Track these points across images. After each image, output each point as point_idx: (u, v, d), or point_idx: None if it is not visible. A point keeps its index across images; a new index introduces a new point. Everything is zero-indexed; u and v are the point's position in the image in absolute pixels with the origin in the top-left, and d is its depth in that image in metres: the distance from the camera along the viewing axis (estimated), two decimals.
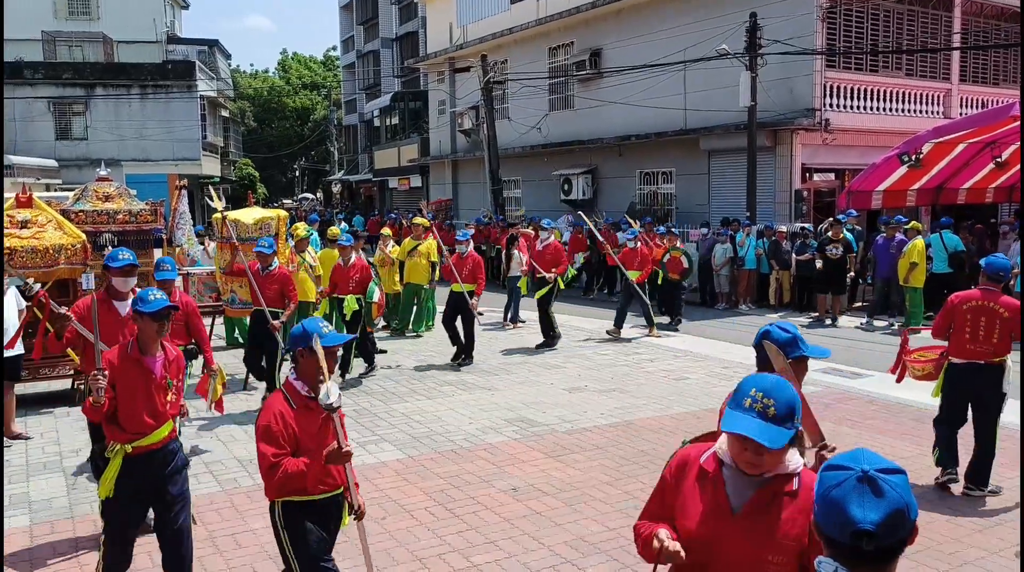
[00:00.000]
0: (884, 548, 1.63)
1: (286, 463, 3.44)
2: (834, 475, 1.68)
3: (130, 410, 4.05)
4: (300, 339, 3.55)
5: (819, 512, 1.69)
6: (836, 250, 13.67)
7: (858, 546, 1.62)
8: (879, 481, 1.64)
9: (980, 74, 20.00)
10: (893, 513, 1.62)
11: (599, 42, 22.09)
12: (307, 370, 3.56)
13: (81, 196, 9.89)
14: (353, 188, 48.43)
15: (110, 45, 35.65)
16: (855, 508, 1.62)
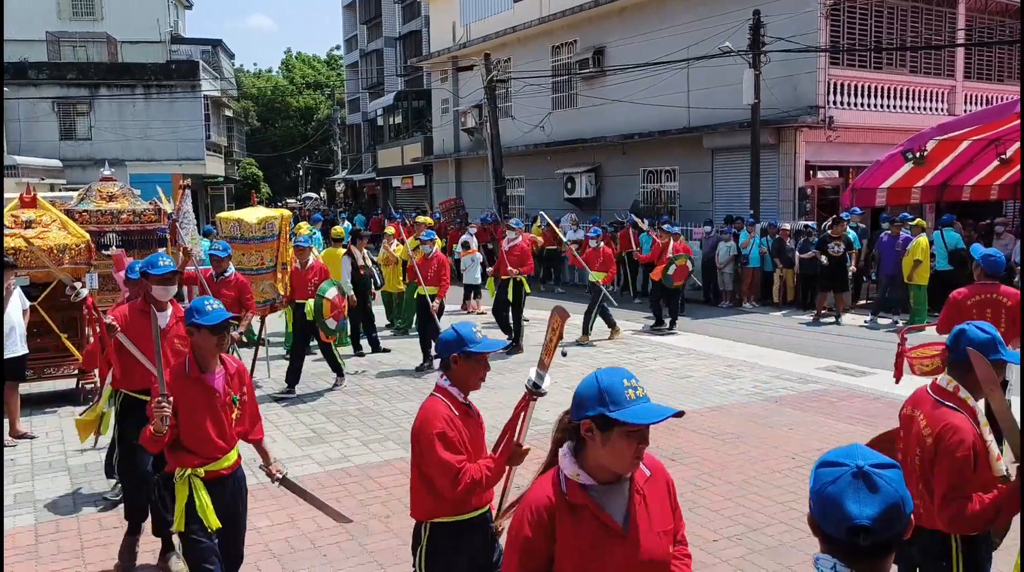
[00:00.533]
0: (880, 543, 1.64)
1: (470, 469, 3.16)
2: (829, 472, 1.69)
3: (198, 434, 3.73)
4: (454, 345, 3.28)
5: (815, 509, 1.70)
6: (838, 248, 13.64)
7: (855, 542, 1.63)
8: (874, 476, 1.65)
9: (984, 71, 19.94)
10: (889, 508, 1.63)
11: (602, 40, 22.07)
12: (462, 376, 3.31)
13: (85, 196, 9.92)
14: (357, 187, 48.46)
15: (114, 45, 35.71)
16: (851, 504, 1.63)
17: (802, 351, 11.28)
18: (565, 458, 2.28)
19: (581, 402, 2.23)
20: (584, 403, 2.21)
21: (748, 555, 4.93)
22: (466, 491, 3.14)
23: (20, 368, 7.58)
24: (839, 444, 4.99)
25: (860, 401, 8.47)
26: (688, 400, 8.68)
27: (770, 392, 8.98)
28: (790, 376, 9.72)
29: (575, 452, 2.28)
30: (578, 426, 2.22)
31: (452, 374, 3.33)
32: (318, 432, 7.63)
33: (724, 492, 5.93)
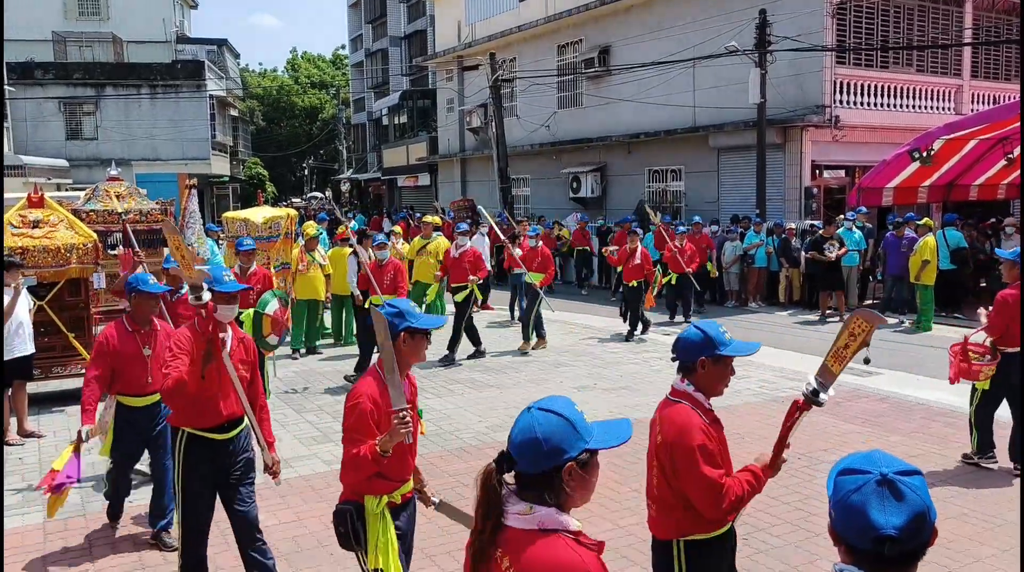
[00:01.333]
0: (907, 552, 1.60)
1: (733, 486, 2.96)
2: (852, 479, 1.64)
3: (397, 454, 3.32)
4: (703, 347, 3.03)
5: (838, 519, 1.65)
6: (832, 248, 13.60)
7: (880, 552, 1.59)
8: (899, 484, 1.61)
9: (992, 70, 19.87)
10: (915, 516, 1.59)
11: (608, 39, 22.06)
12: (710, 381, 3.08)
13: (92, 196, 9.96)
14: (362, 187, 48.50)
15: (120, 45, 35.80)
16: (876, 513, 1.59)
17: (808, 351, 11.26)
18: None
19: (696, 346, 3.00)
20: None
21: (754, 555, 4.93)
22: (730, 509, 2.97)
23: (28, 367, 7.60)
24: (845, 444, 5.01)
25: (866, 401, 8.45)
26: None
27: (776, 392, 8.97)
28: (796, 376, 9.70)
29: None
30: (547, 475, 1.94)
31: (698, 379, 3.08)
32: (324, 431, 7.64)
33: None
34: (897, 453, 6.52)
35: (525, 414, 1.97)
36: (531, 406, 1.98)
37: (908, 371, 9.96)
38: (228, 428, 4.29)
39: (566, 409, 1.96)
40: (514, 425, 1.97)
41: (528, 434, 1.91)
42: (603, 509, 5.67)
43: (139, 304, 5.09)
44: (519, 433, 1.93)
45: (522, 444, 1.91)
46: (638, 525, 5.38)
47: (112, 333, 5.04)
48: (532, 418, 1.93)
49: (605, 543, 2.08)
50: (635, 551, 4.99)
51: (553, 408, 1.95)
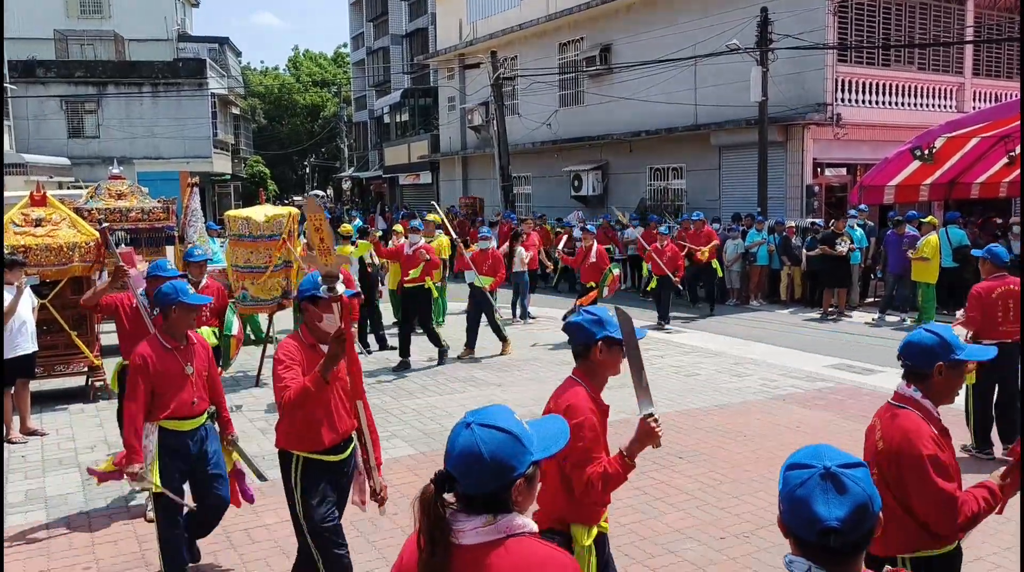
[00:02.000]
0: (851, 543, 1.65)
1: (968, 500, 2.86)
2: (797, 474, 1.69)
3: None
4: (941, 352, 2.89)
5: (785, 511, 1.70)
6: (844, 243, 13.62)
7: (825, 543, 1.64)
8: (842, 477, 1.65)
9: (994, 68, 19.85)
10: (857, 508, 1.64)
11: (609, 37, 22.05)
12: (943, 388, 2.95)
13: (94, 194, 9.98)
14: (363, 185, 48.51)
15: (121, 43, 35.82)
16: (820, 506, 1.63)
17: (809, 349, 11.27)
18: None
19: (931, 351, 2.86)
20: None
21: (756, 553, 4.94)
22: (964, 525, 2.79)
23: (30, 365, 7.62)
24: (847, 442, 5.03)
25: (867, 399, 8.45)
26: (695, 398, 8.68)
27: (777, 390, 8.97)
28: (797, 374, 9.71)
29: None
30: None
31: (930, 386, 2.90)
32: None
33: (732, 490, 5.94)
34: None
35: (464, 432, 1.80)
36: (469, 421, 1.81)
37: None
38: (343, 447, 4.00)
39: (508, 422, 1.82)
40: (451, 442, 1.81)
41: (472, 454, 1.76)
42: (661, 503, 5.67)
43: (180, 318, 4.44)
44: (461, 453, 1.77)
45: (466, 464, 1.76)
46: (639, 523, 5.39)
47: (148, 352, 4.38)
48: (474, 436, 1.77)
49: None
50: (636, 548, 5.00)
51: (495, 423, 1.80)
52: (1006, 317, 6.41)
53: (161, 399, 4.39)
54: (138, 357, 4.37)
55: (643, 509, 5.62)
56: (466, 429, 1.80)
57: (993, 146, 14.91)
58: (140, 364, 4.35)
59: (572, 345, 3.18)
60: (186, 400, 4.45)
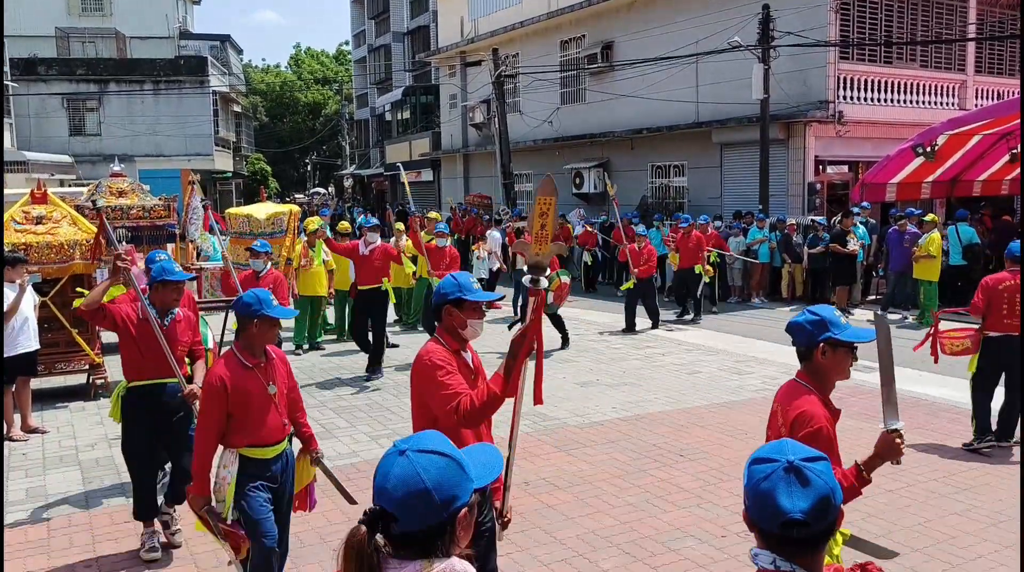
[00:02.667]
0: (814, 534, 1.68)
1: None
2: (761, 468, 1.72)
3: None
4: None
5: (750, 505, 1.74)
6: (853, 240, 13.62)
7: (789, 535, 1.67)
8: (804, 470, 1.69)
9: (996, 65, 19.80)
10: (820, 500, 1.67)
11: (610, 35, 22.01)
12: None
13: (95, 192, 9.96)
14: (365, 182, 48.51)
15: (123, 41, 35.82)
16: (784, 499, 1.66)
17: None
18: None
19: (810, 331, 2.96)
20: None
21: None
22: None
23: (32, 363, 7.62)
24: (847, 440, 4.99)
25: (868, 397, 8.43)
26: (697, 396, 8.67)
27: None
28: None
29: None
30: None
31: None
32: (327, 427, 7.65)
33: (733, 488, 5.93)
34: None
35: (399, 460, 1.62)
36: (403, 448, 1.64)
37: (912, 367, 9.94)
38: None
39: (446, 446, 1.67)
40: (383, 473, 1.63)
41: (413, 485, 1.58)
42: (606, 505, 5.68)
43: (261, 332, 3.92)
44: (400, 485, 1.59)
45: (406, 498, 1.58)
46: (640, 521, 5.38)
47: (225, 372, 3.86)
48: (412, 464, 1.61)
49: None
50: (636, 546, 5.00)
51: (433, 448, 1.65)
52: (1011, 311, 6.58)
53: (243, 424, 3.88)
54: (216, 379, 3.82)
55: (644, 507, 5.61)
56: (401, 457, 1.63)
57: (995, 143, 14.88)
58: (218, 387, 3.81)
59: (795, 346, 3.09)
60: (272, 424, 3.97)
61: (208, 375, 3.93)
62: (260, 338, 3.94)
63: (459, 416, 3.21)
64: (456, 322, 3.42)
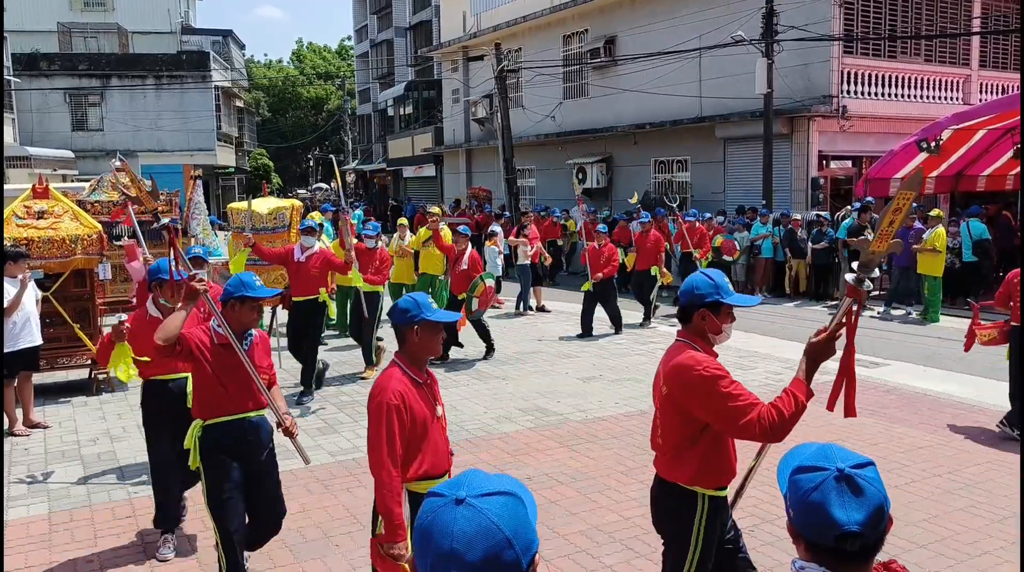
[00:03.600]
0: (867, 545, 1.61)
1: None
2: (810, 477, 1.64)
3: None
4: None
5: (798, 517, 1.65)
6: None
7: (843, 548, 1.60)
8: (857, 479, 1.61)
9: (1001, 59, 19.71)
10: (875, 510, 1.60)
11: (613, 29, 21.95)
12: None
13: (97, 187, 9.96)
14: (367, 178, 48.47)
15: (125, 36, 35.81)
16: (838, 510, 1.59)
17: None
18: None
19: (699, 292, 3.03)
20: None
21: (760, 547, 4.90)
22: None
23: (34, 359, 7.61)
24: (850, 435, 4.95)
25: (873, 393, 8.41)
26: None
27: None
28: None
29: None
30: None
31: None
32: (329, 422, 7.64)
33: (734, 483, 5.89)
34: (903, 445, 6.49)
35: (461, 511, 1.31)
36: (459, 497, 1.33)
37: (916, 362, 9.92)
38: None
39: (502, 484, 1.37)
40: (442, 534, 1.30)
41: (493, 538, 1.29)
42: (609, 500, 5.65)
43: (425, 339, 3.38)
44: (477, 541, 1.28)
45: (488, 557, 1.28)
46: (643, 517, 5.36)
47: (398, 388, 3.27)
48: (482, 513, 1.30)
49: None
50: (639, 542, 4.98)
51: (493, 488, 1.36)
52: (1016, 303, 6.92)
53: (413, 452, 3.32)
54: (394, 395, 3.23)
55: (647, 502, 5.55)
56: (461, 507, 1.31)
57: (1000, 138, 14.83)
58: (399, 406, 3.23)
59: None
60: (443, 451, 3.44)
61: (382, 393, 3.26)
62: (423, 347, 3.38)
63: (762, 428, 3.00)
64: (711, 327, 3.24)
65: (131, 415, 7.89)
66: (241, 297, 4.11)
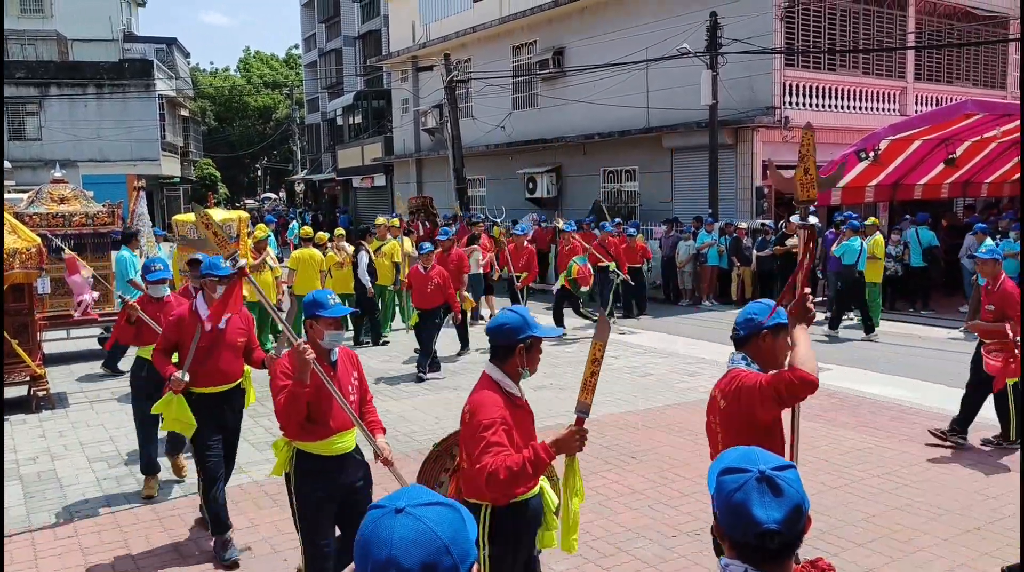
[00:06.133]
0: (786, 543, 1.70)
1: None
2: (733, 478, 1.72)
3: None
4: None
5: (723, 516, 1.73)
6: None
7: (763, 545, 1.68)
8: (777, 480, 1.70)
9: (934, 73, 20.43)
10: (793, 509, 1.68)
11: (562, 41, 22.17)
12: None
13: (35, 198, 9.72)
14: (316, 188, 48.03)
15: (64, 44, 34.96)
16: (758, 509, 1.67)
17: None
18: None
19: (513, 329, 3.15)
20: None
21: (706, 550, 5.00)
22: None
23: None
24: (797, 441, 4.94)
25: (815, 397, 8.60)
26: (649, 398, 8.77)
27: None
28: None
29: None
30: None
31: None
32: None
33: (683, 488, 6.01)
34: (843, 447, 6.66)
35: (400, 520, 1.36)
36: (399, 506, 1.38)
37: (856, 366, 10.19)
38: None
39: (437, 496, 1.44)
40: (382, 542, 1.34)
41: (430, 545, 1.34)
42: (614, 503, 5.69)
43: (534, 356, 3.31)
44: (414, 548, 1.33)
45: (426, 563, 1.33)
46: (592, 523, 5.42)
47: (506, 411, 3.14)
48: (420, 521, 1.36)
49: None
50: (589, 548, 5.03)
51: (431, 499, 1.42)
52: None
53: None
54: (500, 416, 3.10)
55: (596, 509, 5.65)
56: (401, 516, 1.37)
57: (935, 148, 15.35)
58: (505, 421, 3.13)
59: None
60: None
61: (487, 410, 3.10)
62: (532, 363, 3.28)
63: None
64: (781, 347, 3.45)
65: (72, 433, 7.71)
66: (314, 316, 3.98)
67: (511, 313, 3.27)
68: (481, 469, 2.98)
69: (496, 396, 3.16)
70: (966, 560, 4.84)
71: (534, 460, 3.01)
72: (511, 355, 3.20)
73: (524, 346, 3.19)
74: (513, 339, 3.18)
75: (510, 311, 3.29)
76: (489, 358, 3.29)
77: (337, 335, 4.03)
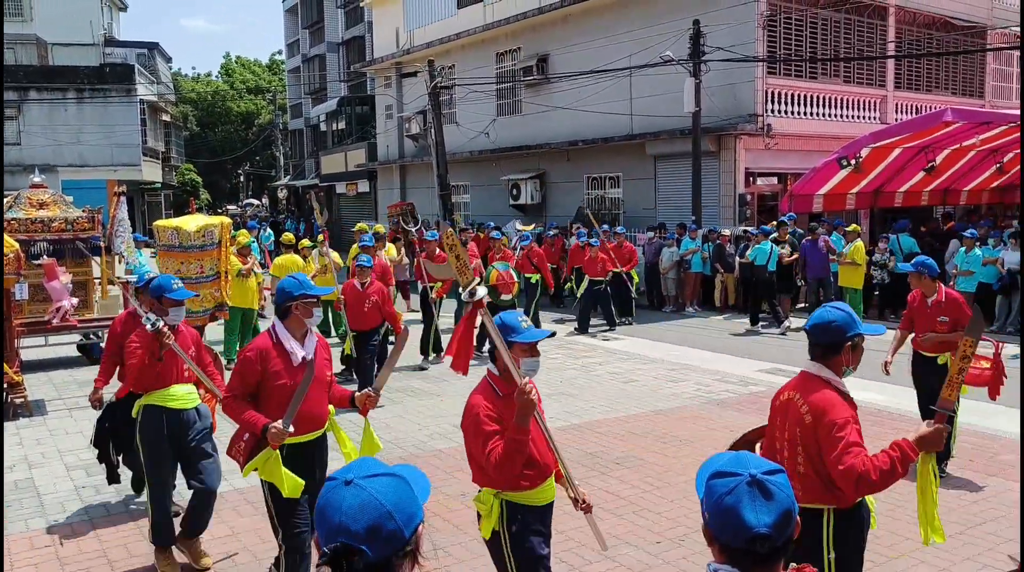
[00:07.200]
0: (776, 547, 1.69)
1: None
2: (724, 482, 1.72)
3: None
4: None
5: (713, 520, 1.73)
6: (785, 248, 14.01)
7: (753, 549, 1.67)
8: (767, 484, 1.69)
9: (914, 81, 20.66)
10: (784, 514, 1.68)
11: (546, 48, 22.23)
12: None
13: (14, 204, 9.60)
14: (299, 193, 47.85)
15: (44, 48, 34.65)
16: (749, 513, 1.67)
17: (743, 354, 11.50)
18: None
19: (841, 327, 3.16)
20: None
21: (690, 555, 5.00)
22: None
23: None
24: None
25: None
26: (633, 404, 8.77)
27: (712, 395, 9.13)
28: (732, 379, 9.90)
29: None
30: None
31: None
32: None
33: (667, 495, 6.01)
34: None
35: (348, 490, 1.52)
36: (347, 479, 1.55)
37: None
38: None
39: (386, 467, 1.60)
40: (332, 510, 1.51)
41: (374, 511, 1.50)
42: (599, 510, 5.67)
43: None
44: (360, 515, 1.49)
45: (371, 526, 1.48)
46: (577, 529, 5.40)
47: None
48: (365, 491, 1.52)
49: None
50: (574, 555, 5.01)
51: (377, 471, 1.57)
52: None
53: None
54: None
55: (581, 515, 5.62)
56: (348, 487, 1.53)
57: (915, 156, 15.51)
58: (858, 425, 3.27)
59: None
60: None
61: (837, 410, 3.21)
62: (855, 360, 3.42)
63: None
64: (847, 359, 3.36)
65: (51, 441, 7.61)
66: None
67: (836, 310, 3.29)
68: (849, 471, 3.02)
69: (834, 394, 3.19)
70: (947, 565, 4.87)
71: (901, 458, 3.08)
72: (837, 353, 3.23)
73: (851, 344, 3.23)
74: (841, 337, 3.22)
75: (834, 309, 3.31)
76: (811, 357, 3.30)
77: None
